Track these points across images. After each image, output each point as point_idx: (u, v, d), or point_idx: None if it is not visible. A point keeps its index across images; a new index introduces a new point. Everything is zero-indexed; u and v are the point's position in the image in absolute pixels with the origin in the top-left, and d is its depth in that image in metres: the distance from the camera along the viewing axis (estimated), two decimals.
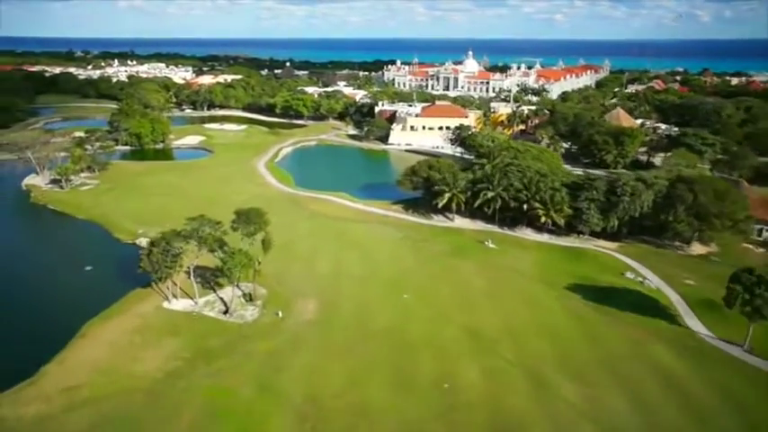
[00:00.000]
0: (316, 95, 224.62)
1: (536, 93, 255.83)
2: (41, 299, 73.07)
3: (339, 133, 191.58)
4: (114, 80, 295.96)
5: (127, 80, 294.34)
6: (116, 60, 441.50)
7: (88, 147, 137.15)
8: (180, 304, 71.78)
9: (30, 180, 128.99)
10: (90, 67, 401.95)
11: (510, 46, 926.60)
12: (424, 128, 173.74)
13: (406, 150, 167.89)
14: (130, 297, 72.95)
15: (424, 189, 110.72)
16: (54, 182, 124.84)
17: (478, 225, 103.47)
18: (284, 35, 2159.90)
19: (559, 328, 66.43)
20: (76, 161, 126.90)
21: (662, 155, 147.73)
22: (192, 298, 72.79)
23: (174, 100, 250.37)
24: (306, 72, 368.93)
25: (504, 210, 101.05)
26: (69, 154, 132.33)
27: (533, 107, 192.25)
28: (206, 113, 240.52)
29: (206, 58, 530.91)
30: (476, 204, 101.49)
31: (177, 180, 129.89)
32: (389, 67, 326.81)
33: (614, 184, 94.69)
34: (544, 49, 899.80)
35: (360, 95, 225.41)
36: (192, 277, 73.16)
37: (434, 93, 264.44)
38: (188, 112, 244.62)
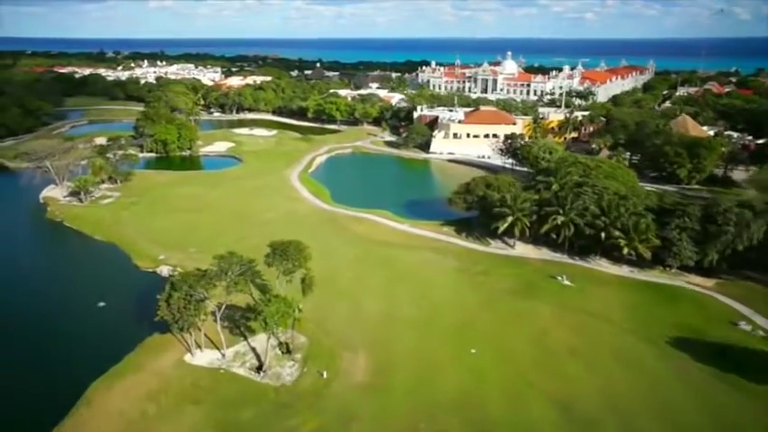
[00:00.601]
0: (349, 99, 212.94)
1: (582, 96, 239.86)
2: (43, 347, 62.21)
3: (375, 140, 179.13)
4: (142, 82, 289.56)
5: (155, 81, 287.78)
6: (146, 61, 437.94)
7: (110, 156, 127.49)
8: (204, 357, 60.24)
9: (48, 192, 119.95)
10: (120, 68, 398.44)
11: (540, 45, 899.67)
12: (468, 135, 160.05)
13: (449, 160, 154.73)
14: (147, 345, 61.74)
15: (479, 209, 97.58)
16: (73, 194, 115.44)
17: (544, 253, 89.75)
18: (312, 35, 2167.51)
19: (674, 404, 52.67)
20: (97, 172, 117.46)
21: (742, 168, 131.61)
22: (218, 348, 61.19)
23: (203, 102, 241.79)
24: (336, 73, 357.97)
25: (576, 237, 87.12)
26: (90, 163, 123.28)
27: (586, 113, 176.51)
28: (235, 117, 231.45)
29: (235, 58, 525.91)
30: (543, 230, 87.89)
31: (204, 193, 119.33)
32: (424, 68, 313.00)
33: (712, 210, 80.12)
34: (574, 48, 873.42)
35: (396, 99, 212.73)
36: (218, 319, 61.41)
37: (472, 95, 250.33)
38: (216, 115, 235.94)
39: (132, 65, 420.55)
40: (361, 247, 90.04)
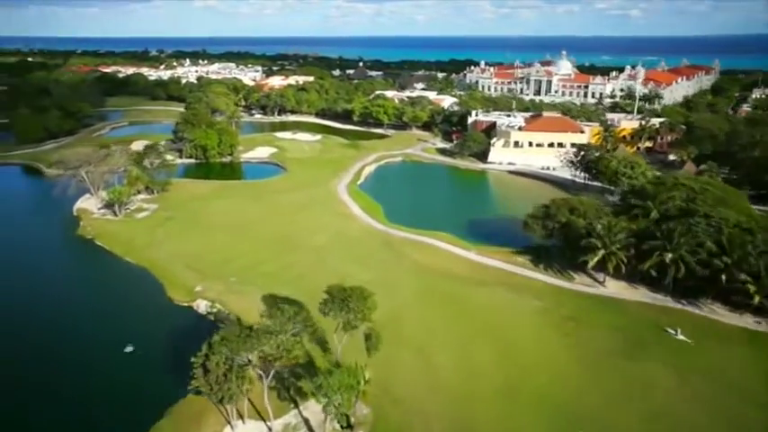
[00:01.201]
0: (397, 101, 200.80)
1: (648, 99, 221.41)
2: (54, 409, 51.88)
3: (426, 147, 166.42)
4: (183, 81, 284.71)
5: (196, 81, 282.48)
6: (188, 60, 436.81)
7: (147, 164, 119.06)
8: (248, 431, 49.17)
9: (82, 203, 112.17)
10: (162, 66, 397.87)
11: (582, 43, 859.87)
12: (530, 144, 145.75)
13: (510, 171, 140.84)
14: (179, 412, 50.99)
15: (561, 237, 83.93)
16: (108, 206, 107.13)
17: (642, 294, 75.34)
18: (352, 33, 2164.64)
19: None
20: (133, 182, 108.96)
21: None
22: (264, 419, 50.03)
23: (244, 103, 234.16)
24: (380, 73, 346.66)
25: (685, 277, 72.46)
26: (126, 171, 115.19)
27: (661, 119, 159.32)
28: (276, 119, 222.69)
29: (275, 57, 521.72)
30: (644, 267, 73.62)
31: (246, 207, 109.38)
32: (472, 68, 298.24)
33: None
34: (619, 46, 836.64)
35: (447, 102, 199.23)
36: (265, 385, 50.15)
37: (524, 97, 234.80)
38: (257, 117, 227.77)
39: (174, 64, 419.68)
40: (423, 281, 77.76)
